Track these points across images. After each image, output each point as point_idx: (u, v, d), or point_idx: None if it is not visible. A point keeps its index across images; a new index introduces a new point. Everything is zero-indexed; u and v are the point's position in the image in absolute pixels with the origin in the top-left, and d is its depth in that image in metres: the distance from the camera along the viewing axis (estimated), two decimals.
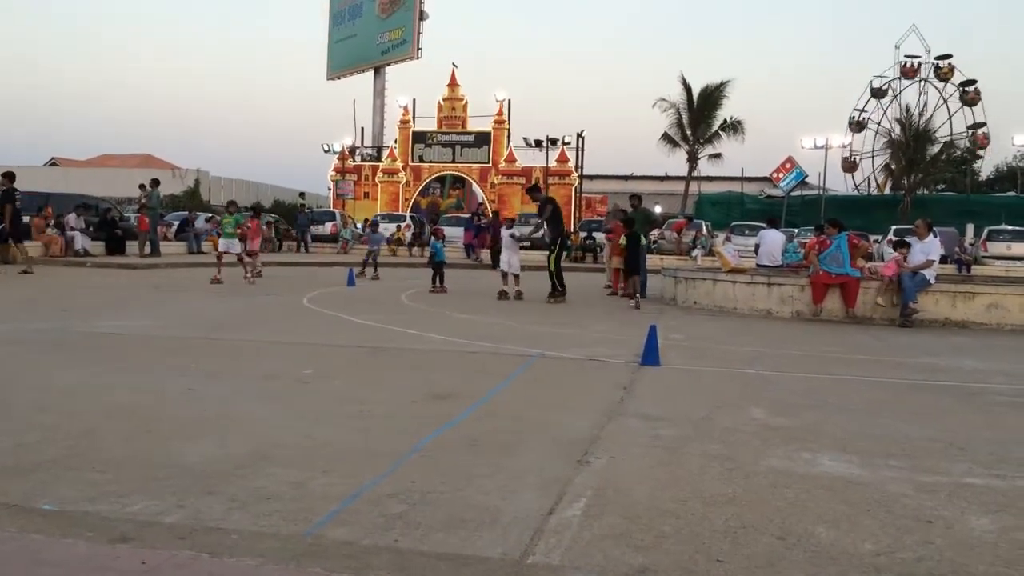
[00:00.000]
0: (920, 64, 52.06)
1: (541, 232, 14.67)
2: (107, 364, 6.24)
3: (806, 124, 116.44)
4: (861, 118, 52.78)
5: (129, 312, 9.77)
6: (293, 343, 7.65)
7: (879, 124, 51.66)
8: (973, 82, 50.20)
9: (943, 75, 51.21)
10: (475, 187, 43.98)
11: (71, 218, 20.79)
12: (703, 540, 2.91)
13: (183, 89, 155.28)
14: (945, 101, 51.25)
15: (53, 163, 62.93)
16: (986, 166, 53.26)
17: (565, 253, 15.91)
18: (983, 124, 50.15)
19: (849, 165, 53.34)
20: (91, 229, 21.60)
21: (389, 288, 14.69)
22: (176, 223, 27.39)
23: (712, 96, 42.53)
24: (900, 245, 11.99)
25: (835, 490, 3.52)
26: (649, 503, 3.28)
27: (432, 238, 16.55)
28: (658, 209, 50.45)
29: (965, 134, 50.38)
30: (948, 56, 51.12)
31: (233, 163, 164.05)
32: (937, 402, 5.77)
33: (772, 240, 16.11)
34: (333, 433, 4.31)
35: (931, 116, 47.27)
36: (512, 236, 13.22)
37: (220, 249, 14.78)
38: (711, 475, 3.69)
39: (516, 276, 12.96)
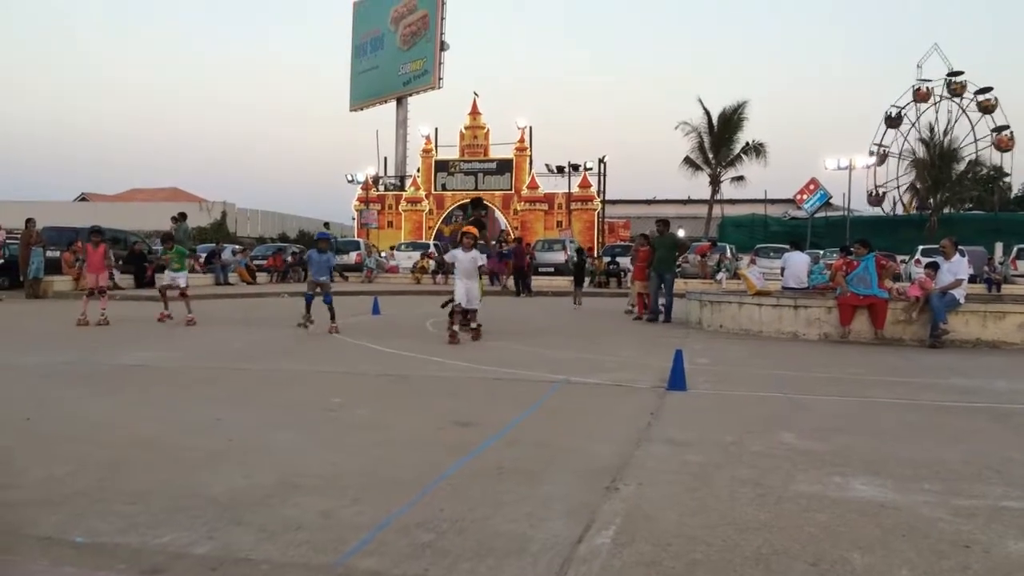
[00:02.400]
0: (932, 88, 51.97)
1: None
2: (135, 395, 6.30)
3: (830, 144, 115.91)
4: (880, 151, 52.65)
5: (157, 343, 9.86)
6: (319, 372, 7.68)
7: (901, 151, 51.51)
8: (988, 89, 49.93)
9: (957, 90, 51.01)
10: (498, 214, 44.18)
11: None
12: (735, 567, 2.87)
13: (208, 123, 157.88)
14: (964, 111, 50.99)
15: (83, 198, 64.08)
16: (1014, 183, 52.82)
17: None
18: (1007, 127, 49.73)
19: (876, 200, 53.13)
20: (120, 263, 21.90)
21: (413, 316, 14.74)
22: (204, 255, 27.72)
23: (732, 118, 42.61)
24: (931, 267, 11.83)
25: (868, 514, 3.46)
26: (679, 530, 3.24)
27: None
28: (681, 233, 50.43)
29: (989, 137, 49.94)
30: (959, 73, 50.95)
31: (259, 195, 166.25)
32: (970, 424, 5.68)
33: (797, 262, 16.01)
34: (360, 461, 4.31)
35: (951, 129, 47.06)
36: (474, 260, 10.52)
37: (165, 282, 13.11)
38: (741, 501, 3.64)
39: (474, 311, 10.65)
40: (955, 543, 3.13)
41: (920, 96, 52.25)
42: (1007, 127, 49.69)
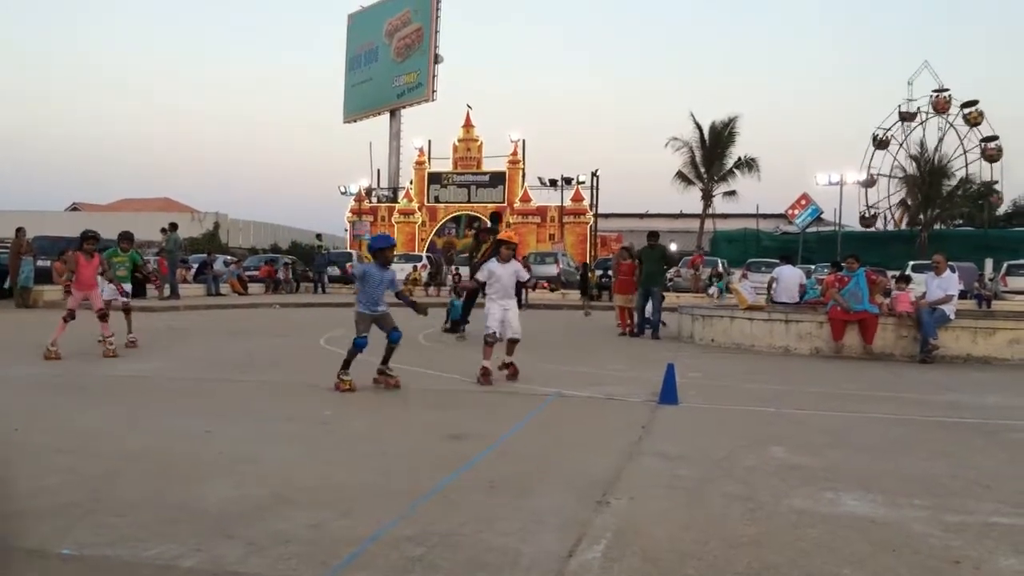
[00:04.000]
0: (919, 108, 52.40)
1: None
2: (125, 407, 6.26)
3: (821, 160, 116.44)
4: (870, 176, 52.93)
5: (147, 354, 9.82)
6: (310, 384, 7.66)
7: (891, 169, 51.85)
8: (974, 103, 50.31)
9: (942, 107, 51.40)
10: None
11: None
12: None
13: (201, 133, 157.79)
14: (951, 125, 51.36)
15: (75, 208, 63.84)
16: (1005, 194, 53.07)
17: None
18: (995, 137, 50.08)
19: (868, 221, 53.40)
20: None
21: (406, 328, 14.67)
22: (195, 266, 27.65)
23: (723, 133, 42.87)
24: (902, 279, 11.98)
25: (859, 530, 3.46)
26: (670, 545, 3.24)
27: (452, 294, 15.60)
28: (673, 247, 50.54)
29: (978, 148, 50.27)
30: (945, 89, 51.39)
31: (251, 205, 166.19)
32: (960, 439, 5.69)
33: (789, 277, 16.06)
34: (351, 474, 4.30)
35: (940, 147, 47.39)
36: (515, 275, 8.25)
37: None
38: (733, 516, 3.64)
39: (515, 342, 8.21)
40: (945, 559, 3.13)
41: (906, 117, 52.62)
42: (995, 137, 50.05)
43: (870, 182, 52.40)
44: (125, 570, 2.88)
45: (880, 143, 52.78)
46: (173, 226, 22.56)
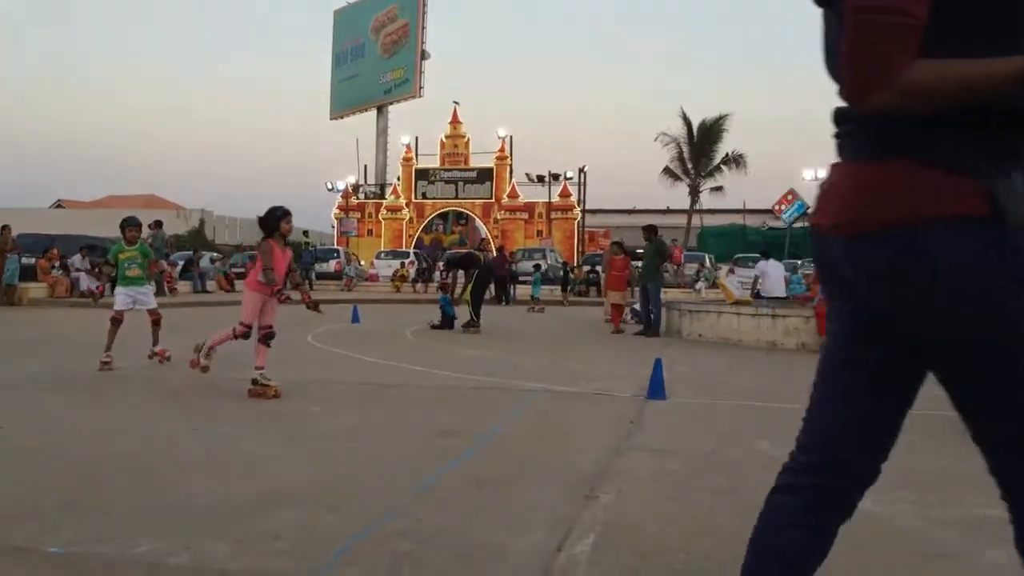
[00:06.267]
0: None
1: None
2: (111, 405, 6.23)
3: (808, 155, 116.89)
4: None
5: (134, 352, 9.76)
6: (298, 381, 7.63)
7: None
8: None
9: None
10: (478, 223, 44.16)
11: (76, 259, 20.91)
12: None
13: (184, 129, 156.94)
14: None
15: (59, 205, 63.40)
16: None
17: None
18: None
19: None
20: (96, 270, 21.69)
21: (394, 324, 14.70)
22: (181, 263, 27.49)
23: (712, 130, 42.88)
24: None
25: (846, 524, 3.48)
26: (658, 539, 3.25)
27: (440, 291, 15.29)
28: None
29: None
30: None
31: (237, 202, 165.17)
32: (945, 432, 5.72)
33: (775, 271, 16.14)
34: (340, 471, 4.29)
35: None
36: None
37: (117, 307, 8.49)
38: (720, 509, 3.66)
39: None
40: (931, 552, 3.16)
41: None
42: None
43: None
44: (113, 568, 2.86)
45: None
46: (158, 224, 22.45)
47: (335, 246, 39.85)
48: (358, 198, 45.77)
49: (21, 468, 4.21)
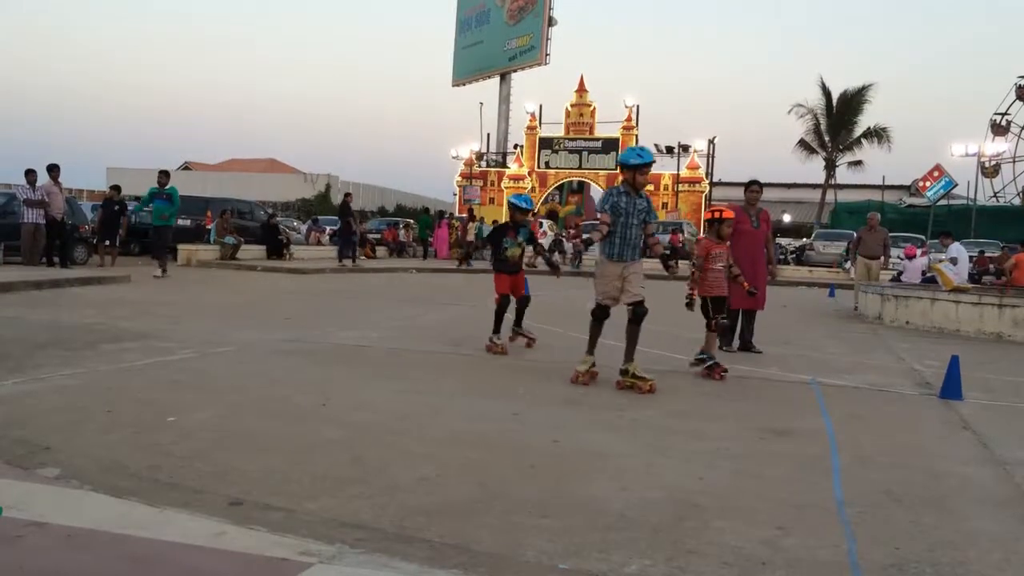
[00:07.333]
0: None
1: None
2: (403, 380, 6.05)
3: (951, 130, 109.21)
4: (1003, 121, 48.41)
5: (351, 321, 9.74)
6: (536, 360, 7.39)
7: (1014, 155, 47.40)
8: None
9: None
10: (594, 191, 43.24)
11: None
12: None
13: (307, 94, 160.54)
14: None
15: (186, 167, 65.72)
16: None
17: None
18: None
19: (991, 171, 49.73)
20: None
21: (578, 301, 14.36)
22: (331, 229, 27.79)
23: (853, 101, 40.97)
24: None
25: None
26: None
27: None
28: (787, 218, 48.85)
29: None
30: None
31: (356, 167, 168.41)
32: None
33: (963, 255, 15.15)
34: (700, 474, 3.97)
35: None
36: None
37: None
38: None
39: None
40: None
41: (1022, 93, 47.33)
42: None
43: (1003, 130, 47.78)
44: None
45: (999, 129, 47.92)
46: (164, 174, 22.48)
47: (458, 214, 39.83)
48: (480, 166, 45.72)
49: (415, 459, 4.03)
